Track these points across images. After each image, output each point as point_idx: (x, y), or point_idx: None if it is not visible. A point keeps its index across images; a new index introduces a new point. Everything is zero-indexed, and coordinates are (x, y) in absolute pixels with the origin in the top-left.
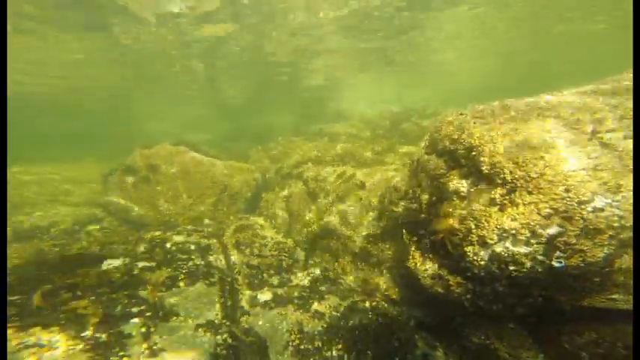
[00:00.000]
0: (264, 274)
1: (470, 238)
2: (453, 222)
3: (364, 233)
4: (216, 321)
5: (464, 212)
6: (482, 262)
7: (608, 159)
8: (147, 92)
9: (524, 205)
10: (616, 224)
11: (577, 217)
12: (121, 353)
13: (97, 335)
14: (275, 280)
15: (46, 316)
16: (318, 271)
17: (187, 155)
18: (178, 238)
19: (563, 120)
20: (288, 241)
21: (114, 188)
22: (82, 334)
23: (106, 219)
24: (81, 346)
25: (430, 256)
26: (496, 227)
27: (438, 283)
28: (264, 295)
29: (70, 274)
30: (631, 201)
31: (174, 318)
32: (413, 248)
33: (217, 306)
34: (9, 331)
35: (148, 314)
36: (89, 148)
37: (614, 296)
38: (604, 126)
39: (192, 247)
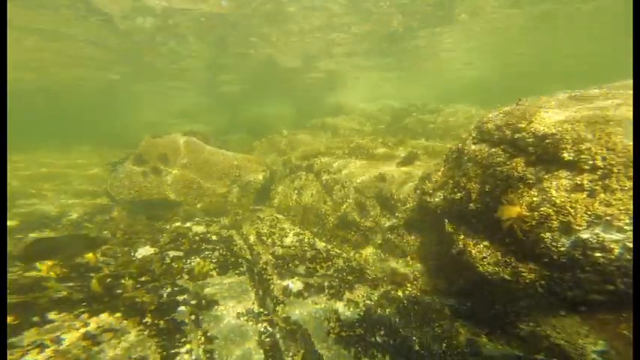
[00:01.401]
0: (290, 265)
1: (549, 224)
2: (521, 209)
3: (386, 225)
4: (255, 309)
5: (536, 199)
6: (563, 249)
7: None
8: (137, 80)
9: (622, 190)
10: None
11: None
12: (183, 339)
13: (156, 322)
14: (302, 270)
15: (108, 302)
16: (341, 262)
17: (198, 146)
18: (198, 229)
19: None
20: (306, 232)
21: (123, 178)
22: (144, 321)
23: (115, 208)
24: (147, 332)
25: (487, 243)
26: (586, 213)
27: (505, 270)
28: (296, 285)
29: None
30: None
31: (216, 307)
32: (462, 237)
33: (252, 295)
34: (84, 315)
35: (192, 302)
36: (80, 137)
37: None
38: None
39: (214, 237)
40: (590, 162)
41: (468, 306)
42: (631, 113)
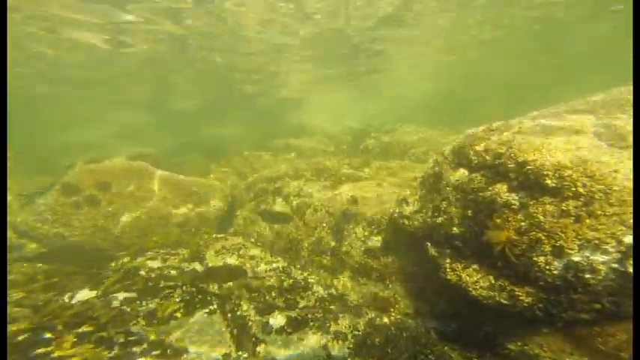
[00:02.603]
0: (267, 297)
1: (541, 248)
2: (509, 233)
3: (362, 248)
4: (232, 354)
5: (524, 224)
6: (557, 272)
7: None
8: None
9: (606, 216)
10: None
11: None
12: None
13: None
14: (281, 302)
15: None
16: (321, 290)
17: (148, 171)
18: (153, 264)
19: (597, 135)
20: (279, 260)
21: (44, 210)
22: None
23: (27, 246)
24: None
25: (476, 267)
26: (576, 237)
27: (501, 294)
28: (277, 320)
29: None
30: None
31: (186, 356)
32: (447, 261)
33: (227, 336)
34: None
35: (155, 353)
36: None
37: None
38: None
39: (174, 272)
40: (573, 189)
41: (454, 328)
42: (587, 138)
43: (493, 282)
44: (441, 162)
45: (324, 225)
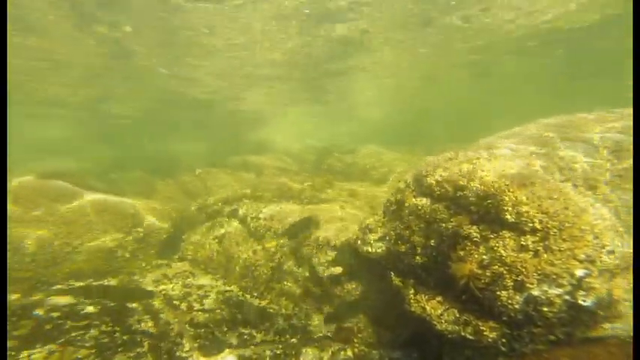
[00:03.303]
0: (217, 332)
1: (503, 282)
2: (472, 267)
3: (325, 274)
4: None
5: (486, 257)
6: (517, 306)
7: (607, 209)
8: None
9: (560, 251)
10: (616, 262)
11: (598, 260)
12: None
13: None
14: (233, 339)
15: None
16: (281, 321)
17: (63, 191)
18: (61, 301)
19: (544, 168)
20: (233, 288)
21: None
22: None
23: None
24: None
25: (440, 299)
26: (536, 272)
27: (465, 329)
28: None
29: None
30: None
31: None
32: (411, 291)
33: None
34: None
35: None
36: None
37: (617, 325)
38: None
39: (91, 309)
40: (530, 224)
41: (415, 358)
42: (534, 167)
43: (458, 315)
44: (403, 189)
45: (285, 249)
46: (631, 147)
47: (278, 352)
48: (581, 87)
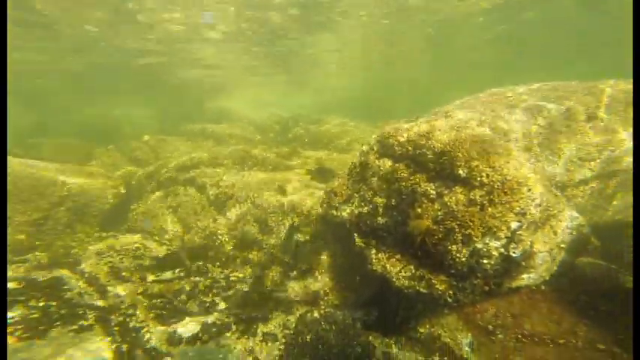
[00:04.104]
0: (176, 302)
1: (454, 237)
2: (428, 223)
3: (292, 240)
4: None
5: (440, 213)
6: (464, 259)
7: (540, 158)
8: None
9: (501, 204)
10: (544, 214)
11: (528, 213)
12: None
13: None
14: (194, 307)
15: None
16: (246, 288)
17: None
18: None
19: (493, 129)
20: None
21: None
22: None
23: None
24: None
25: (399, 257)
26: (481, 226)
27: (420, 283)
28: (187, 327)
29: None
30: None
31: None
32: (373, 251)
33: (107, 355)
34: None
35: None
36: None
37: (531, 275)
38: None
39: (12, 285)
40: (479, 179)
41: (376, 316)
42: (484, 129)
43: (414, 272)
44: (367, 152)
45: (249, 217)
46: (559, 114)
47: (243, 317)
48: (528, 61)
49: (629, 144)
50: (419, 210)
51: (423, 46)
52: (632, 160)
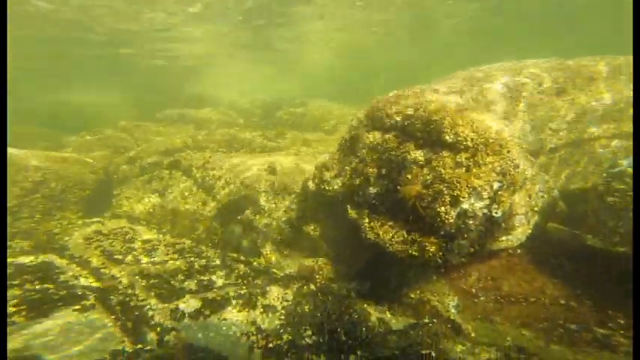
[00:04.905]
0: (174, 282)
1: (442, 199)
2: (418, 188)
3: (284, 219)
4: (127, 349)
5: (429, 177)
6: (452, 220)
7: (516, 127)
8: None
9: (485, 164)
10: (521, 177)
11: (508, 174)
12: None
13: None
14: (192, 285)
15: None
16: (242, 266)
17: None
18: None
19: (475, 100)
20: (184, 241)
21: None
22: None
23: None
24: None
25: (391, 223)
26: (467, 186)
27: (412, 247)
28: (189, 304)
29: None
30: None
31: None
32: (366, 220)
33: (114, 331)
34: None
35: None
36: None
37: (510, 237)
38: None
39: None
40: (464, 143)
41: (369, 286)
42: (467, 100)
43: (406, 236)
44: (357, 126)
45: (240, 198)
46: (534, 87)
47: (242, 292)
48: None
49: (591, 115)
50: (409, 176)
51: (403, 29)
52: (596, 130)
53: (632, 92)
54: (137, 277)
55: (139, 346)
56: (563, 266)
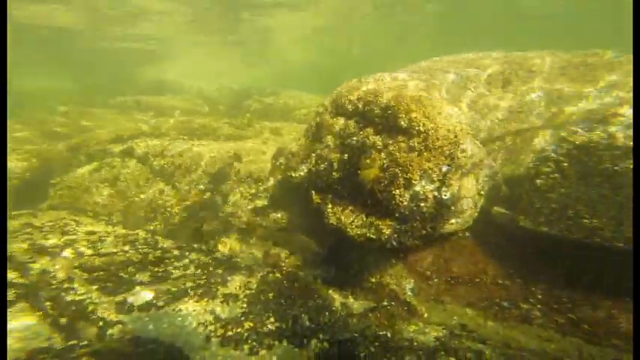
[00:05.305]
0: (123, 274)
1: (397, 182)
2: (377, 172)
3: (249, 207)
4: (56, 345)
5: (386, 161)
6: (406, 202)
7: (463, 117)
8: None
9: (435, 149)
10: (468, 161)
11: (455, 157)
12: None
13: None
14: (144, 277)
15: None
16: (203, 256)
17: None
18: None
19: (437, 87)
20: (139, 232)
21: None
22: None
23: None
24: None
25: (352, 208)
26: (419, 169)
27: (370, 230)
28: (139, 296)
29: None
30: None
31: None
32: (329, 206)
33: (41, 329)
34: None
35: None
36: None
37: (459, 220)
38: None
39: None
40: (417, 128)
41: (333, 272)
42: (422, 88)
43: (365, 219)
44: (322, 112)
45: (202, 186)
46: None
47: (201, 282)
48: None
49: (531, 106)
50: (368, 161)
51: (371, 18)
52: (535, 120)
53: (564, 86)
54: (77, 270)
55: (74, 342)
56: (502, 247)
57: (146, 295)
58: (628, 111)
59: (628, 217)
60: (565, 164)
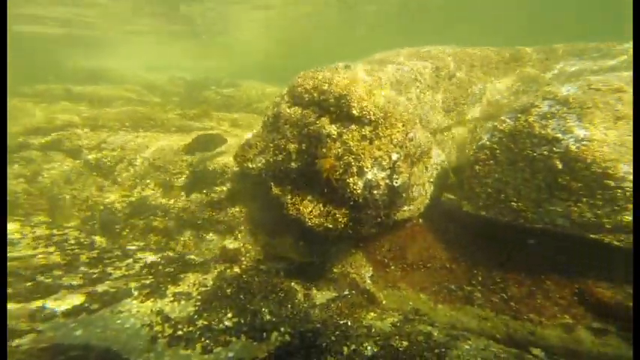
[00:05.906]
0: (43, 277)
1: (351, 170)
2: (332, 161)
3: (205, 201)
4: None
5: (340, 150)
6: (360, 190)
7: (412, 107)
8: None
9: (384, 137)
10: (417, 150)
11: (404, 145)
12: None
13: None
14: (74, 280)
15: None
16: (150, 255)
17: None
18: None
19: (388, 76)
20: (68, 232)
21: None
22: None
23: None
24: None
25: (310, 198)
26: (370, 157)
27: (327, 219)
28: (63, 301)
29: None
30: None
31: None
32: (289, 197)
33: None
34: None
35: None
36: None
37: (411, 207)
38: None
39: None
40: (368, 117)
41: (296, 264)
42: (375, 78)
43: (322, 209)
44: (279, 102)
45: (149, 181)
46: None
47: (147, 281)
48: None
49: (473, 98)
50: (324, 150)
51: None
52: (478, 112)
53: (501, 82)
54: None
55: None
56: (451, 232)
57: (72, 299)
58: (544, 102)
59: (545, 199)
60: (498, 151)
